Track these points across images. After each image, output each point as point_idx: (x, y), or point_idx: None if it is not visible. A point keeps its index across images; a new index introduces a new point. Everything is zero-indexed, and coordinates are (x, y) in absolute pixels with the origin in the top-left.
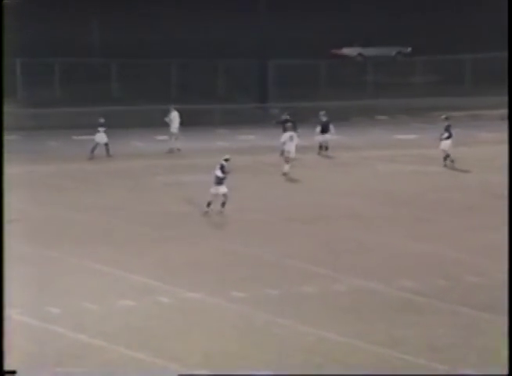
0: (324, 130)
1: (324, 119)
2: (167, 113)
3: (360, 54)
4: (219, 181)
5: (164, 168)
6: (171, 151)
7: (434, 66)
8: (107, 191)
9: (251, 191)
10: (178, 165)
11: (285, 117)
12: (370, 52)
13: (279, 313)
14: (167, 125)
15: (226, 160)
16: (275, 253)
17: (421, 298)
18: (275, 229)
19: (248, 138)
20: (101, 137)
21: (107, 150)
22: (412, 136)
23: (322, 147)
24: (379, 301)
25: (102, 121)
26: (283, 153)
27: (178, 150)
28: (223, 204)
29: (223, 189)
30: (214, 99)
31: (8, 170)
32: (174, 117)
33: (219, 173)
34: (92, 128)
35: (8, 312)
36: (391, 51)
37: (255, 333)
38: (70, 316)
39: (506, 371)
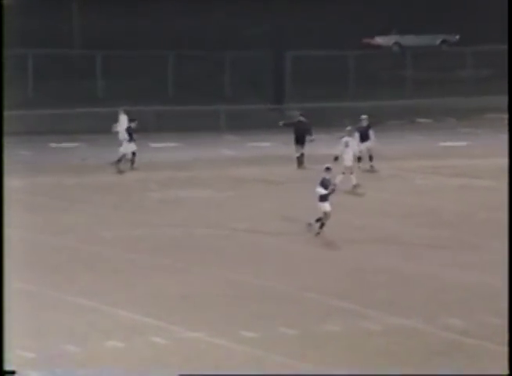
0: (364, 137)
1: (365, 124)
2: (117, 118)
3: (397, 43)
4: (323, 198)
5: (158, 181)
6: (118, 163)
7: (487, 59)
8: (90, 210)
9: (263, 209)
10: (175, 178)
11: (298, 117)
12: (409, 40)
13: (298, 357)
14: (165, 130)
15: (327, 169)
16: (292, 284)
17: (470, 340)
18: (291, 255)
19: (260, 145)
20: (130, 145)
21: (132, 161)
22: (459, 143)
23: (361, 159)
24: (419, 343)
25: (133, 125)
26: (336, 158)
27: (124, 157)
28: (322, 225)
29: (326, 206)
30: (219, 99)
31: None
32: (123, 122)
33: (321, 190)
34: (74, 134)
35: None
36: (435, 39)
37: None
38: (48, 361)
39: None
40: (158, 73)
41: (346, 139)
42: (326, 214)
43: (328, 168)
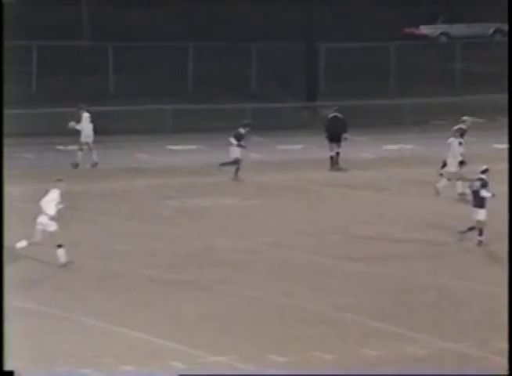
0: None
1: (465, 126)
2: (76, 117)
3: (444, 33)
4: (480, 203)
5: (175, 188)
6: (75, 166)
7: None
8: (100, 220)
9: (293, 220)
10: (194, 185)
11: (332, 113)
12: (458, 30)
13: None
14: (184, 131)
15: (484, 171)
16: (326, 304)
17: None
18: (324, 271)
19: (290, 148)
20: (237, 151)
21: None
22: None
23: (465, 163)
24: (473, 370)
25: (243, 131)
26: (444, 165)
27: (95, 164)
28: (480, 233)
29: (481, 214)
30: (244, 96)
31: None
32: (86, 121)
33: (484, 192)
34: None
35: None
36: (487, 29)
37: None
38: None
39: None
40: (176, 67)
41: (450, 139)
42: (480, 222)
43: (485, 171)
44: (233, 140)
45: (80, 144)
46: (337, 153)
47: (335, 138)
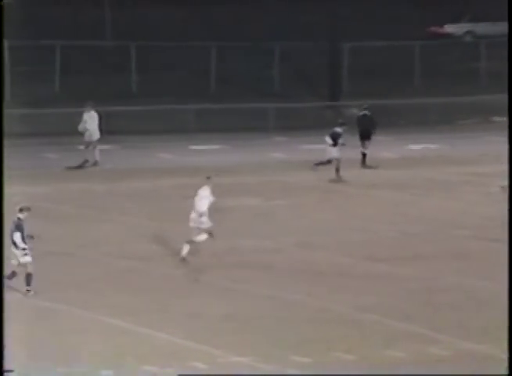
0: None
1: None
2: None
3: (469, 32)
4: None
5: (198, 188)
6: (83, 165)
7: None
8: (122, 220)
9: (316, 221)
10: (217, 185)
11: (362, 111)
12: (484, 28)
13: None
14: (207, 131)
15: None
16: (349, 305)
17: None
18: (348, 272)
19: (314, 148)
20: (334, 150)
21: (337, 169)
22: None
23: None
24: (494, 371)
25: (339, 130)
26: None
27: (96, 162)
28: None
29: None
30: (267, 96)
31: None
32: (92, 120)
33: None
34: (105, 135)
35: None
36: None
37: None
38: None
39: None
40: (199, 66)
41: None
42: None
43: None
44: (329, 139)
45: (85, 143)
46: (364, 154)
47: (365, 135)
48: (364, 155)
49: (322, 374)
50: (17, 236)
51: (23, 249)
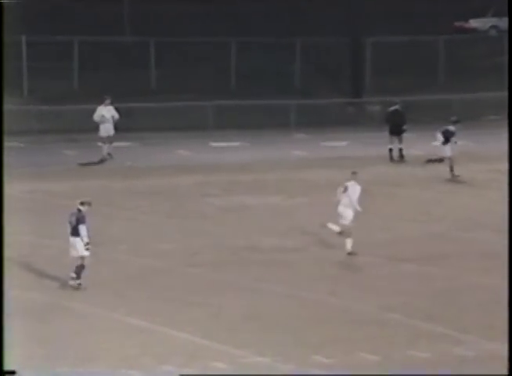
0: None
1: None
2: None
3: (494, 26)
4: None
5: (219, 186)
6: (102, 161)
7: None
8: (141, 218)
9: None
10: (238, 183)
11: (393, 107)
12: (508, 23)
13: None
14: (227, 128)
15: None
16: (373, 304)
17: None
18: (371, 271)
19: (336, 145)
20: (446, 148)
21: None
22: None
23: None
24: None
25: (452, 129)
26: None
27: (110, 156)
28: None
29: None
30: (288, 92)
31: (6, 189)
32: (109, 114)
33: None
34: (124, 132)
35: None
36: None
37: None
38: (107, 368)
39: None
40: (219, 62)
41: None
42: None
43: None
44: (440, 137)
45: (101, 138)
46: (400, 149)
47: (396, 131)
48: (391, 150)
49: (344, 374)
50: (83, 229)
51: (87, 244)
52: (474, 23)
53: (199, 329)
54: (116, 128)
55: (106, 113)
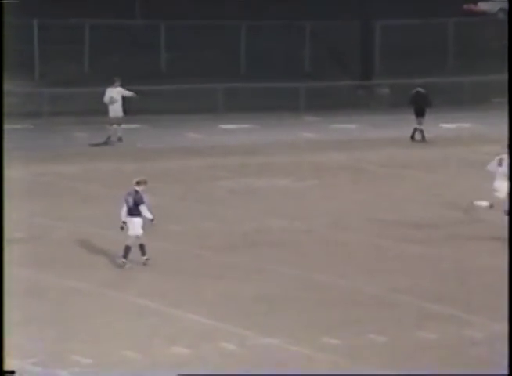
0: None
1: None
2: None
3: (503, 9)
4: None
5: (229, 168)
6: (111, 141)
7: None
8: (151, 200)
9: (349, 201)
10: (248, 165)
11: (416, 89)
12: None
13: (387, 366)
14: (237, 110)
15: None
16: (382, 286)
17: None
18: (381, 253)
19: (345, 127)
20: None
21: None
22: None
23: None
24: None
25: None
26: None
27: (119, 139)
28: None
29: None
30: (297, 75)
31: (18, 171)
32: (119, 96)
33: None
34: (135, 114)
35: (21, 362)
36: None
37: None
38: (105, 368)
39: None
40: (229, 46)
41: None
42: None
43: None
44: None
45: (110, 120)
46: (421, 131)
47: (420, 112)
48: (417, 131)
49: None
50: (144, 209)
51: (152, 220)
52: (482, 5)
53: (209, 311)
54: (125, 110)
55: (115, 94)
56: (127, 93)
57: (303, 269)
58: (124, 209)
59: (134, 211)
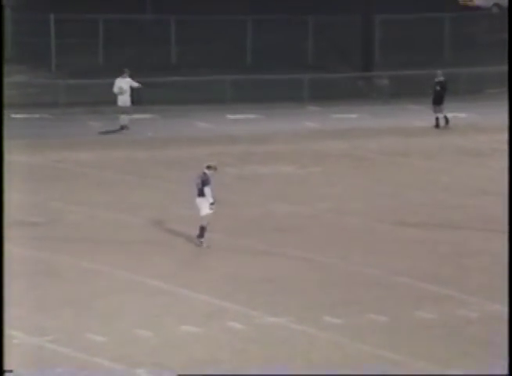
0: None
1: None
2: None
3: (497, 4)
4: None
5: (235, 156)
6: (121, 130)
7: None
8: (162, 186)
9: (350, 187)
10: (254, 153)
11: (438, 78)
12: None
13: (387, 345)
14: (243, 101)
15: None
16: (382, 268)
17: None
18: (380, 237)
19: (346, 117)
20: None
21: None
22: None
23: None
24: None
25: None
26: None
27: (125, 127)
28: None
29: None
30: (301, 67)
31: (34, 158)
32: (128, 86)
33: None
34: (147, 105)
35: (38, 340)
36: None
37: (354, 370)
38: (118, 346)
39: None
40: (236, 39)
41: None
42: None
43: None
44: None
45: (119, 108)
46: (445, 117)
47: (438, 100)
48: (437, 119)
49: (355, 334)
50: (208, 190)
51: (212, 204)
52: (477, 1)
53: (217, 291)
54: (133, 101)
55: (124, 85)
56: (135, 84)
57: (306, 251)
58: (208, 190)
59: (203, 193)
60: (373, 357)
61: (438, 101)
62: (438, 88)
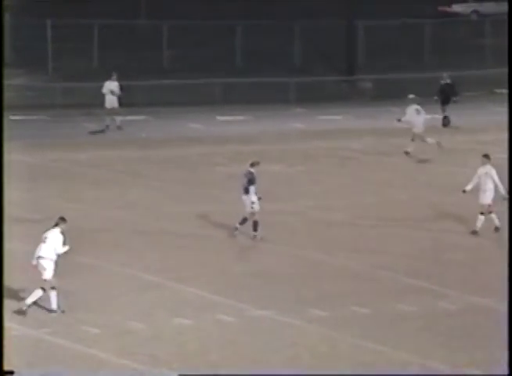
0: None
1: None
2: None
3: (475, 11)
4: None
5: (226, 156)
6: (107, 129)
7: None
8: (155, 184)
9: (334, 186)
10: (243, 153)
11: (445, 81)
12: (488, 8)
13: (370, 337)
14: (233, 103)
15: None
16: (365, 262)
17: None
18: (364, 232)
19: (331, 118)
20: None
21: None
22: None
23: None
24: (498, 323)
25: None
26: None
27: (119, 128)
28: None
29: None
30: (288, 70)
31: (32, 158)
32: (117, 89)
33: None
34: (140, 107)
35: (36, 332)
36: None
37: (339, 360)
38: (112, 338)
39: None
40: (226, 43)
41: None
42: None
43: None
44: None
45: (107, 110)
46: (445, 117)
47: (445, 101)
48: (446, 118)
49: (340, 326)
50: (252, 189)
51: (259, 198)
52: (456, 7)
53: (208, 285)
54: (120, 102)
55: (113, 87)
56: (117, 91)
57: (293, 247)
58: (253, 188)
59: (248, 191)
60: (356, 347)
61: (445, 101)
62: (446, 89)
